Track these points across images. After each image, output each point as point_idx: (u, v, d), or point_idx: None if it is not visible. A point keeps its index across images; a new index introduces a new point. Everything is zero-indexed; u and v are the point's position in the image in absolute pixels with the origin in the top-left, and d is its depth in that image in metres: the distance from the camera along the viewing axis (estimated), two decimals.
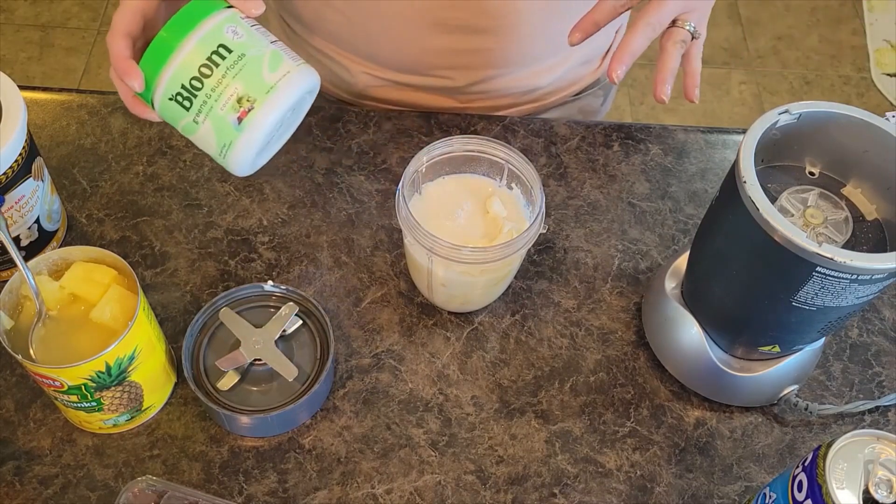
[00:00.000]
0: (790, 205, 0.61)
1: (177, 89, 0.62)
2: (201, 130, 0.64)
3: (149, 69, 0.62)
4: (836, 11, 2.41)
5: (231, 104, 0.62)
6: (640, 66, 2.25)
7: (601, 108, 1.02)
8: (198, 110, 0.63)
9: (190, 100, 0.63)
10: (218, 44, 0.62)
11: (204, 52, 0.62)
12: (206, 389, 0.67)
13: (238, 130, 0.63)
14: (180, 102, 0.63)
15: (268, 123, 0.63)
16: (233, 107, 0.62)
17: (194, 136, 0.65)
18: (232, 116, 0.63)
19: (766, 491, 0.60)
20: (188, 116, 0.63)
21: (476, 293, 0.73)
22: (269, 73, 0.63)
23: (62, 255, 0.64)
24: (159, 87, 0.63)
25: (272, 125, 0.64)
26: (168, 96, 0.63)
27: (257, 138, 0.64)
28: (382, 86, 0.90)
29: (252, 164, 0.67)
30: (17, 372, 0.70)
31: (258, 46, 0.64)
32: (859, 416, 0.72)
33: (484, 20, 0.80)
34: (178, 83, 0.62)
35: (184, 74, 0.62)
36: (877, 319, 0.77)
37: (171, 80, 0.62)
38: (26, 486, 0.65)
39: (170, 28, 0.62)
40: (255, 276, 0.76)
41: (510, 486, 0.67)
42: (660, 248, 0.80)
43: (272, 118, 0.63)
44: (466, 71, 0.86)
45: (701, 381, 0.71)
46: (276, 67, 0.64)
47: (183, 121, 0.64)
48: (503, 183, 0.73)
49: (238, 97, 0.62)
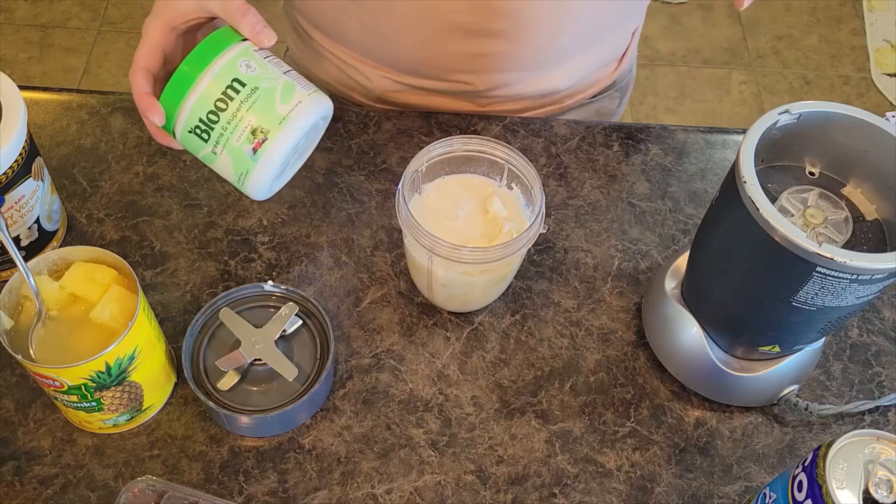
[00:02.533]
0: (790, 205, 0.61)
1: (195, 123, 0.66)
2: (220, 160, 0.68)
3: (168, 104, 0.66)
4: (836, 11, 2.41)
5: (246, 136, 0.66)
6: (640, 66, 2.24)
7: (617, 109, 1.02)
8: (215, 142, 0.66)
9: (208, 132, 0.66)
10: (232, 78, 0.65)
11: (219, 87, 0.65)
12: (206, 389, 0.67)
13: (254, 160, 0.67)
14: (199, 135, 0.66)
15: (281, 153, 0.67)
16: (248, 138, 0.66)
17: (213, 165, 0.69)
18: (247, 147, 0.66)
19: (766, 491, 0.60)
20: (207, 147, 0.67)
21: (476, 293, 0.73)
22: (281, 104, 0.66)
23: (62, 255, 0.64)
24: (179, 120, 0.66)
25: (286, 154, 0.68)
26: (188, 129, 0.66)
27: (272, 167, 0.67)
28: (401, 90, 0.90)
29: (269, 189, 0.71)
30: (17, 372, 0.70)
31: (270, 79, 0.67)
32: (859, 416, 0.72)
33: (502, 23, 0.80)
34: (196, 117, 0.66)
35: (201, 109, 0.65)
36: (877, 319, 0.77)
37: (189, 114, 0.66)
38: (26, 486, 0.65)
39: (187, 64, 0.65)
40: (255, 276, 0.76)
41: (510, 486, 0.67)
42: (660, 248, 0.80)
43: (285, 148, 0.67)
44: (485, 75, 0.86)
45: (701, 381, 0.71)
46: (288, 98, 0.67)
47: (202, 151, 0.68)
48: (503, 183, 0.73)
49: (252, 129, 0.66)
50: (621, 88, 1.00)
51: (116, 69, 2.13)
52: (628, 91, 1.03)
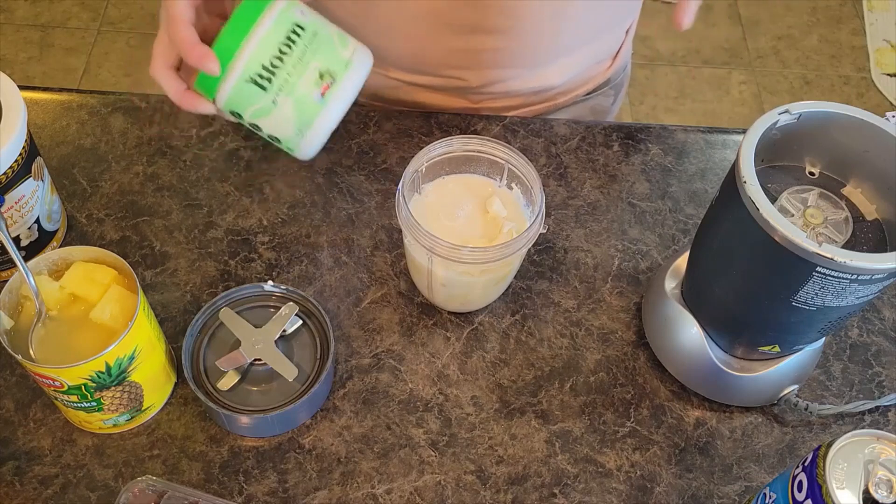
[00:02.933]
0: (790, 205, 0.61)
1: (256, 70, 0.62)
2: (279, 111, 0.64)
3: (222, 54, 0.62)
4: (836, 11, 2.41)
5: (314, 80, 0.63)
6: (640, 66, 2.25)
7: (612, 107, 1.02)
8: (279, 89, 0.63)
9: (270, 79, 0.63)
10: (293, 22, 0.63)
11: (281, 32, 0.62)
12: (206, 389, 0.67)
13: (321, 104, 0.64)
14: (258, 83, 0.63)
15: (349, 96, 0.65)
16: (315, 82, 0.63)
17: (267, 119, 0.65)
18: (315, 92, 0.64)
19: (766, 491, 0.60)
20: (266, 97, 0.64)
21: (476, 293, 0.73)
22: (342, 48, 0.65)
23: (62, 255, 0.64)
24: (234, 70, 0.63)
25: (351, 99, 0.66)
26: (245, 78, 0.63)
27: (339, 112, 0.65)
28: (395, 86, 0.90)
29: (323, 143, 0.68)
30: (17, 372, 0.70)
31: (325, 25, 0.65)
32: (859, 416, 0.72)
33: (496, 20, 0.80)
34: (258, 63, 0.62)
35: (264, 54, 0.62)
36: (877, 319, 0.77)
37: (249, 62, 0.62)
38: (26, 486, 0.65)
39: (241, 12, 0.62)
40: (255, 276, 0.76)
41: (510, 486, 0.67)
42: (660, 248, 0.80)
43: (352, 91, 0.65)
44: (479, 71, 0.86)
45: (701, 381, 0.71)
46: (345, 44, 0.65)
47: (258, 104, 0.64)
48: (503, 183, 0.73)
49: (320, 72, 0.63)
50: (616, 86, 1.00)
51: (116, 69, 2.13)
52: (623, 88, 1.03)
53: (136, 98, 0.87)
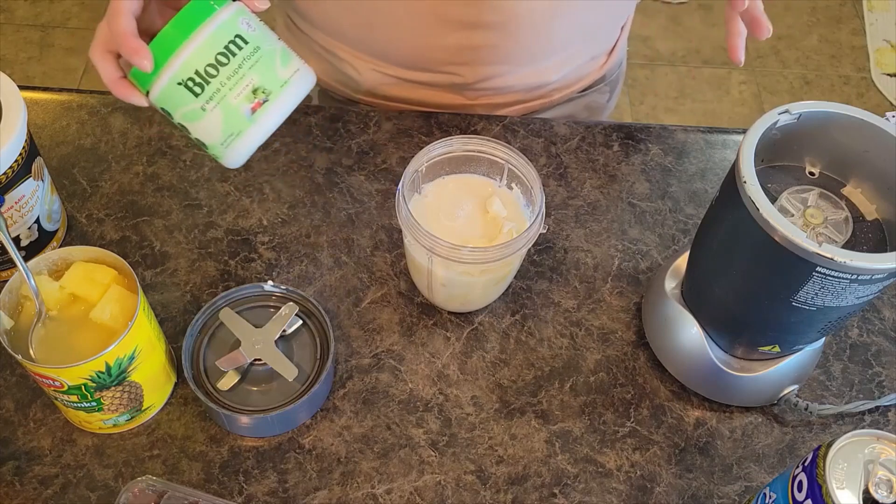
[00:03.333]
0: (790, 205, 0.61)
1: (189, 74, 0.62)
2: (207, 118, 0.64)
3: (158, 52, 0.62)
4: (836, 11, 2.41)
5: (246, 94, 0.63)
6: (640, 66, 2.25)
7: (607, 104, 1.03)
8: (209, 97, 0.63)
9: (202, 86, 0.62)
10: (235, 34, 0.63)
11: (221, 41, 0.62)
12: (206, 389, 0.67)
13: (250, 121, 0.64)
14: (190, 88, 0.63)
15: (280, 116, 0.64)
16: (247, 97, 0.63)
17: (195, 124, 0.65)
18: (245, 107, 0.63)
19: (766, 491, 0.60)
20: (196, 103, 0.63)
21: (476, 293, 0.73)
22: (281, 67, 0.64)
23: (62, 255, 0.64)
24: (167, 71, 0.62)
25: (282, 118, 0.65)
26: (177, 81, 0.62)
27: (267, 130, 0.65)
28: (391, 83, 0.90)
29: (249, 155, 0.67)
30: (17, 372, 0.70)
31: (270, 41, 0.65)
32: (859, 416, 0.72)
33: (491, 16, 0.81)
34: (192, 69, 0.62)
35: (199, 61, 0.62)
36: (877, 319, 0.77)
37: (183, 66, 0.62)
38: (26, 486, 0.65)
39: (185, 14, 0.62)
40: (255, 276, 0.76)
41: (510, 486, 0.67)
42: (660, 248, 0.80)
43: (284, 111, 0.64)
44: (474, 67, 0.86)
45: (701, 381, 0.71)
46: (287, 63, 0.65)
47: (187, 107, 0.64)
48: (503, 183, 0.73)
49: (253, 88, 0.63)
50: (611, 83, 1.01)
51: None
52: (619, 85, 1.04)
53: None
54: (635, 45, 2.29)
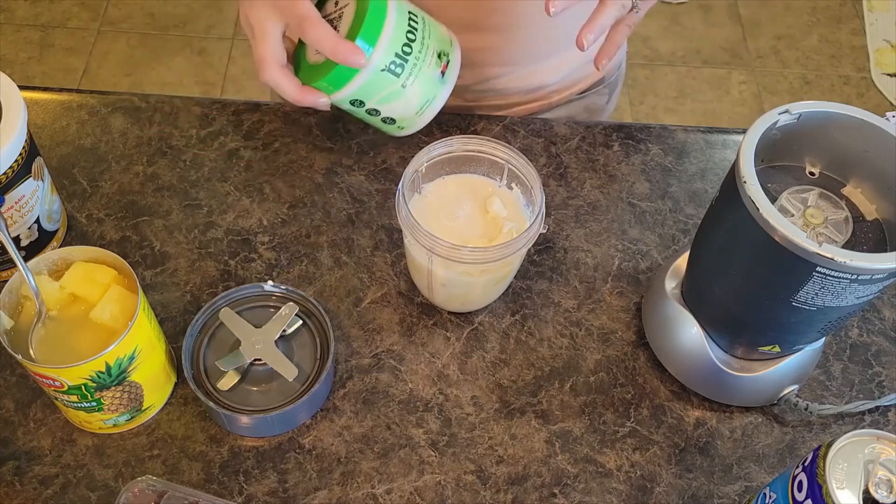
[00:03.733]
0: (790, 205, 0.61)
1: (391, 59, 0.66)
2: (407, 93, 0.69)
3: (363, 44, 0.65)
4: (836, 11, 2.41)
5: (434, 61, 0.68)
6: (640, 66, 2.25)
7: (606, 105, 1.03)
8: (409, 73, 0.67)
9: (402, 65, 0.67)
10: (407, 10, 0.67)
11: (404, 19, 0.66)
12: (206, 389, 0.67)
13: (442, 83, 0.70)
14: (392, 70, 0.67)
15: (457, 73, 0.70)
16: (436, 63, 0.68)
17: (391, 104, 0.69)
18: (436, 72, 0.69)
19: (766, 491, 0.60)
20: (396, 83, 0.68)
21: (476, 293, 0.73)
22: (442, 28, 0.70)
23: (62, 255, 0.64)
24: (371, 63, 0.66)
25: (457, 75, 0.71)
26: (381, 68, 0.66)
27: (452, 88, 0.70)
28: None
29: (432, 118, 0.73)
30: (17, 372, 0.70)
31: (420, 10, 0.69)
32: (859, 416, 0.72)
33: (494, 19, 0.81)
34: (393, 52, 0.66)
35: (396, 43, 0.66)
36: (877, 319, 0.77)
37: (385, 52, 0.66)
38: (26, 486, 0.65)
39: (368, 9, 0.65)
40: (255, 276, 0.76)
41: (510, 486, 0.67)
42: (660, 248, 0.80)
43: (458, 68, 0.70)
44: (474, 69, 0.86)
45: (701, 381, 0.71)
46: (440, 24, 0.70)
47: (387, 90, 0.68)
48: (503, 183, 0.73)
49: (437, 53, 0.68)
50: (610, 84, 1.01)
51: (116, 69, 2.13)
52: (618, 87, 1.04)
53: (136, 98, 0.87)
54: (635, 45, 2.29)
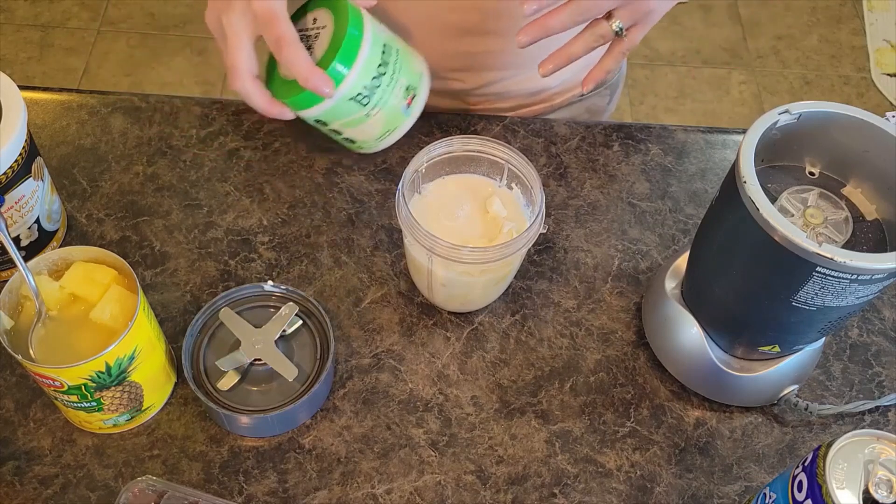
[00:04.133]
0: (790, 205, 0.61)
1: (358, 90, 0.67)
2: (370, 122, 0.69)
3: (334, 74, 0.65)
4: (836, 11, 2.41)
5: (402, 94, 0.69)
6: (640, 66, 2.25)
7: (608, 107, 1.03)
8: (374, 104, 0.68)
9: (369, 97, 0.67)
10: (381, 42, 0.67)
11: (376, 53, 0.67)
12: (206, 389, 0.67)
13: (406, 115, 0.71)
14: (359, 101, 0.67)
15: (423, 105, 0.71)
16: (403, 95, 0.69)
17: (355, 128, 0.70)
18: (402, 104, 0.69)
19: (766, 491, 0.60)
20: (362, 111, 0.68)
21: (476, 293, 0.73)
22: (415, 62, 0.70)
23: (62, 255, 0.64)
24: (343, 88, 0.66)
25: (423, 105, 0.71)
26: (348, 98, 0.67)
27: (416, 118, 0.71)
28: None
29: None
30: (17, 372, 0.70)
31: (394, 39, 0.69)
32: (859, 416, 0.72)
33: (493, 23, 0.80)
34: (361, 84, 0.66)
35: (366, 76, 0.66)
36: (877, 319, 0.77)
37: (354, 84, 0.66)
38: (26, 486, 0.65)
39: (342, 41, 0.65)
40: (255, 276, 0.76)
41: (510, 486, 0.67)
42: (660, 248, 0.80)
43: (425, 98, 0.71)
44: (475, 73, 0.86)
45: (701, 381, 0.71)
46: (414, 56, 0.70)
47: (352, 116, 0.68)
48: (503, 183, 0.73)
49: (406, 86, 0.69)
50: (611, 86, 1.01)
51: (116, 69, 2.13)
52: (618, 88, 1.04)
53: (136, 98, 0.87)
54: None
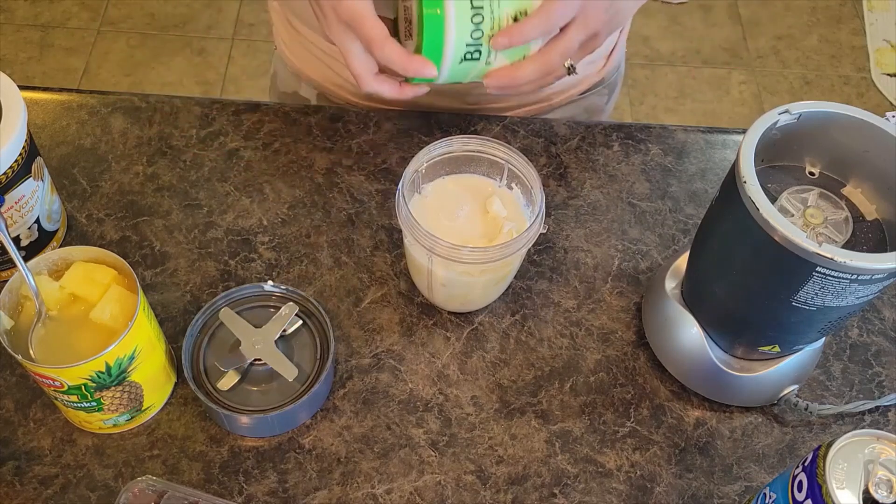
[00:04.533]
0: (790, 205, 0.61)
1: (464, 50, 0.64)
2: (495, 65, 0.66)
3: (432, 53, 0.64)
4: (836, 11, 2.41)
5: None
6: (640, 66, 2.25)
7: (606, 106, 1.03)
8: (488, 53, 0.65)
9: (479, 49, 0.65)
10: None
11: (464, 9, 0.63)
12: (206, 389, 0.67)
13: (526, 45, 0.66)
14: (470, 58, 0.65)
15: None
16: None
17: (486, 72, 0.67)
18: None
19: (766, 491, 0.60)
20: (480, 64, 0.66)
21: (476, 293, 0.73)
22: None
23: (62, 255, 0.64)
24: (446, 61, 0.64)
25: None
26: (458, 61, 0.65)
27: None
28: None
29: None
30: (17, 372, 0.70)
31: None
32: (859, 416, 0.72)
33: None
34: (463, 44, 0.64)
35: (463, 35, 0.64)
36: (877, 319, 0.77)
37: (456, 48, 0.64)
38: (26, 486, 0.65)
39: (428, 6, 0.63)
40: (255, 276, 0.76)
41: (510, 486, 0.67)
42: (660, 248, 0.80)
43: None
44: None
45: (701, 381, 0.71)
46: None
47: (474, 71, 0.67)
48: (503, 183, 0.73)
49: (513, 17, 0.64)
50: (610, 85, 1.01)
51: (116, 69, 2.13)
52: (617, 88, 1.04)
53: (136, 98, 0.87)
54: (635, 45, 2.29)
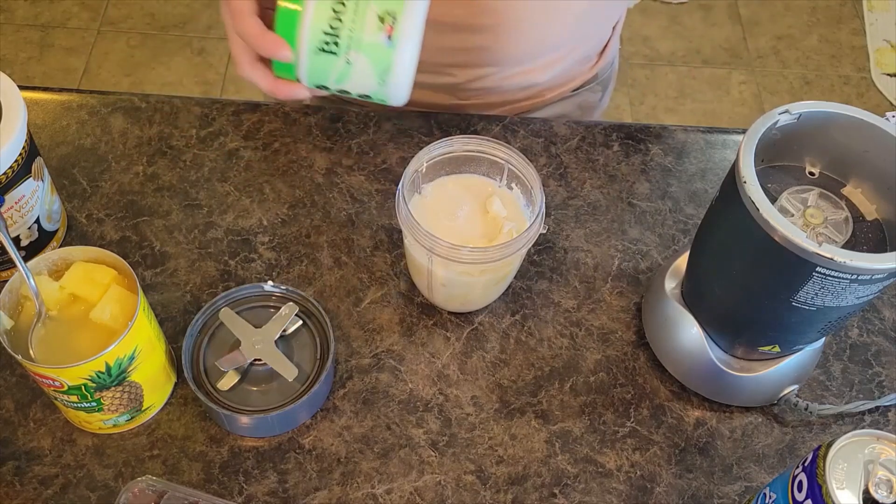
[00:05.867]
0: (790, 205, 0.61)
1: (320, 38, 0.62)
2: (356, 68, 0.63)
3: (286, 35, 0.62)
4: (836, 11, 2.41)
5: (375, 25, 0.62)
6: (640, 66, 2.25)
7: (599, 102, 1.03)
8: (346, 47, 0.62)
9: (335, 41, 0.62)
10: None
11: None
12: (206, 389, 0.67)
13: (391, 47, 0.63)
14: (327, 49, 0.62)
15: (416, 31, 0.63)
16: (377, 27, 0.62)
17: (351, 82, 0.65)
18: (381, 36, 0.62)
19: (766, 491, 0.60)
20: (339, 60, 0.63)
21: (476, 293, 0.73)
22: None
23: (62, 255, 0.64)
24: (302, 47, 0.62)
25: (419, 32, 0.64)
26: (314, 51, 0.62)
27: (412, 49, 0.63)
28: None
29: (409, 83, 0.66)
30: (17, 372, 0.70)
31: None
32: (859, 416, 0.72)
33: (482, 19, 0.81)
34: (320, 31, 0.62)
35: (321, 20, 0.61)
36: (877, 319, 0.77)
37: (311, 34, 0.62)
38: (26, 486, 0.65)
39: None
40: (255, 276, 0.76)
41: (510, 486, 0.67)
42: (660, 248, 0.80)
43: (418, 23, 0.63)
44: (465, 69, 0.87)
45: (701, 381, 0.71)
46: None
47: (335, 70, 0.64)
48: (503, 183, 0.73)
49: (378, 16, 0.62)
50: (603, 81, 1.01)
51: (116, 69, 2.13)
52: (611, 84, 1.04)
53: (136, 98, 0.87)
54: (635, 45, 2.29)
